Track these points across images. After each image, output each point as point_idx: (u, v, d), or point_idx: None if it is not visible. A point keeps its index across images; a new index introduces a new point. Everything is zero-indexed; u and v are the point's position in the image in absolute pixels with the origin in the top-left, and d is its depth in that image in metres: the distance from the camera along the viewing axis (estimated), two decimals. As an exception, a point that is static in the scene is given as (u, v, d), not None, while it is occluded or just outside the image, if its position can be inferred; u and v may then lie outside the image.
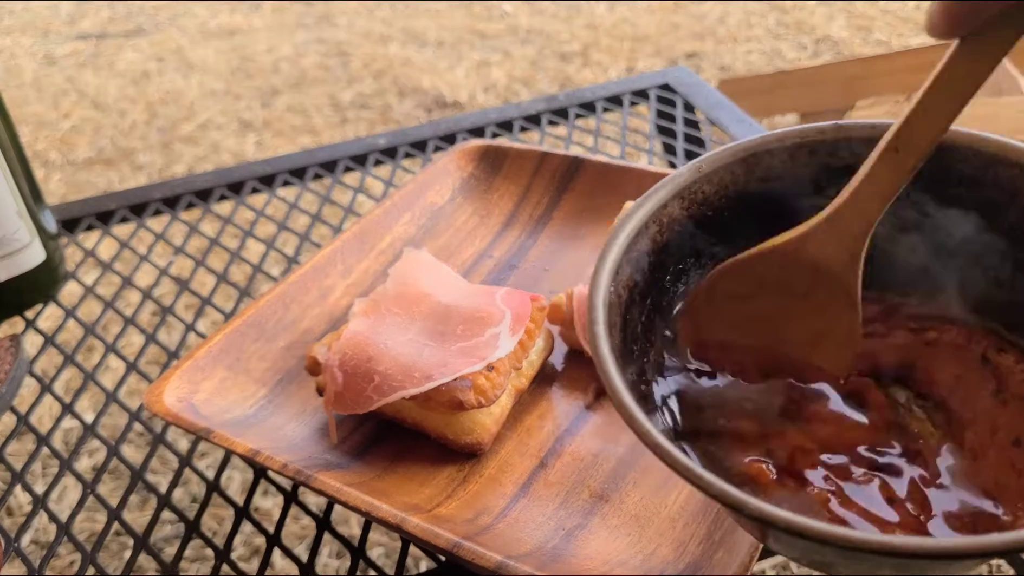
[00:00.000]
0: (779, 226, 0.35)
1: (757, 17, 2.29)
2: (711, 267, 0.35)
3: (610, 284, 0.31)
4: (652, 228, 0.33)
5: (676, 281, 0.35)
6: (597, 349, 0.29)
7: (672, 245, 0.34)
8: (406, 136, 0.80)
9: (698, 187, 0.35)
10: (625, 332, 0.31)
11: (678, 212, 0.34)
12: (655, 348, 0.33)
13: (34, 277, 0.62)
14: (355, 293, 0.56)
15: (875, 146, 0.32)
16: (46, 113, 2.10)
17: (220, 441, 0.43)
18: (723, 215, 0.35)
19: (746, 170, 0.35)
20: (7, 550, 0.46)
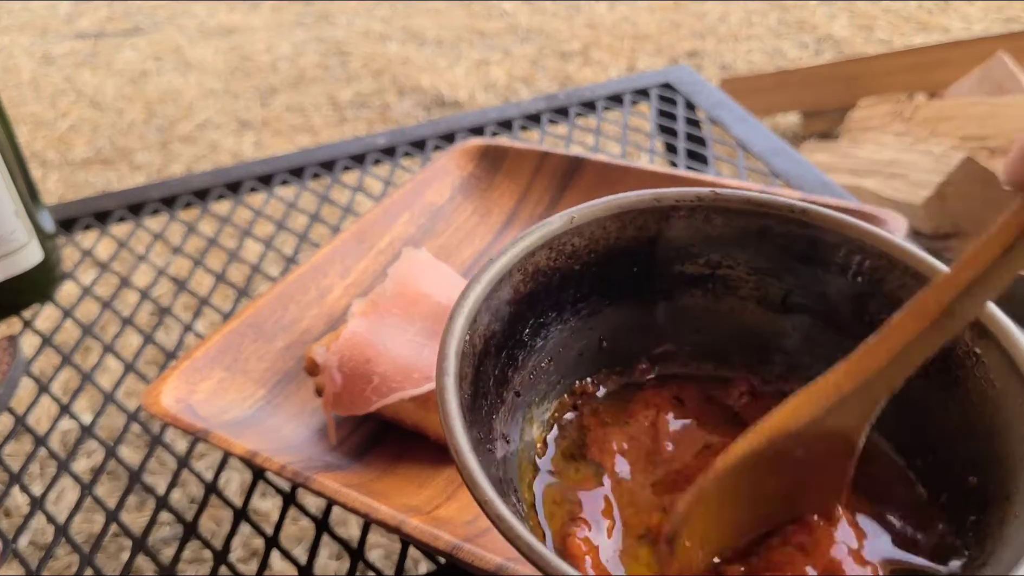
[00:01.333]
0: (646, 286, 0.35)
1: (758, 16, 2.28)
2: (572, 322, 0.34)
3: (466, 333, 0.29)
4: (516, 276, 0.32)
5: (535, 335, 0.33)
6: (445, 404, 0.27)
7: (535, 295, 0.33)
8: (405, 135, 0.79)
9: (568, 239, 0.33)
10: (476, 386, 0.29)
11: (545, 262, 0.33)
12: (506, 404, 0.32)
13: (31, 277, 0.62)
14: (354, 293, 0.56)
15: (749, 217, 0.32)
16: (44, 112, 2.10)
17: (218, 442, 0.43)
18: (592, 269, 0.34)
19: (619, 226, 0.34)
20: (5, 551, 0.46)
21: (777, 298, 0.35)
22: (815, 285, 0.34)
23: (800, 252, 0.34)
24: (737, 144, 0.72)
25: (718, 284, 0.35)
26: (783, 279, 0.34)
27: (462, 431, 0.26)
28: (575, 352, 0.35)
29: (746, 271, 0.35)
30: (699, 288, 0.35)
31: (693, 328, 0.36)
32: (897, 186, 1.23)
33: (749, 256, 0.35)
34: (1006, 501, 0.26)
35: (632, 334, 0.36)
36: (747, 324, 0.36)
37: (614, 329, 0.35)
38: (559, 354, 0.34)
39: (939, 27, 2.15)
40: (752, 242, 0.34)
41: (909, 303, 0.26)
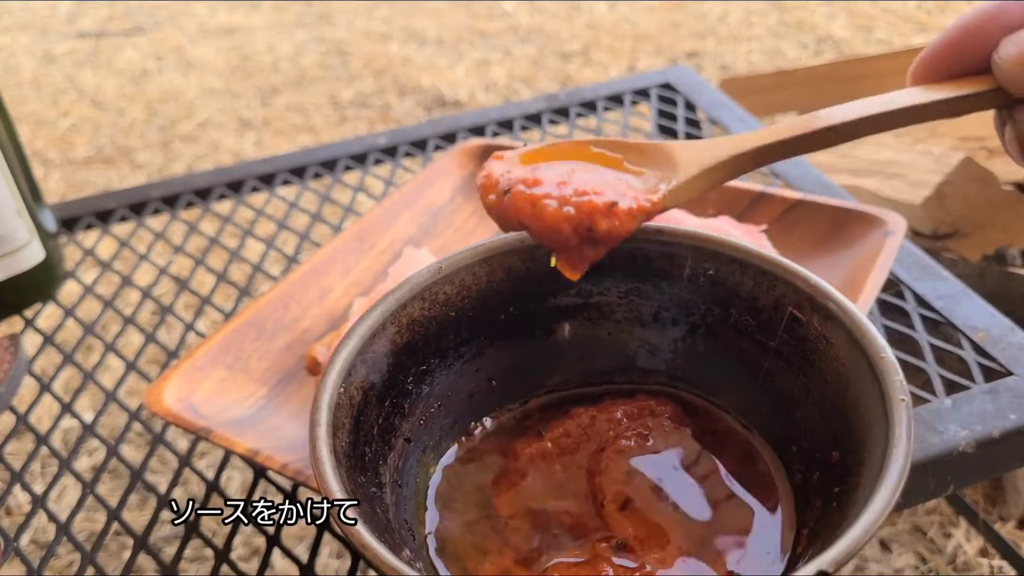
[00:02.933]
0: (525, 323, 0.36)
1: (758, 16, 2.28)
2: (457, 366, 0.35)
3: (339, 386, 0.30)
4: (391, 329, 0.33)
5: (419, 382, 0.34)
6: (315, 451, 0.28)
7: (414, 345, 0.34)
8: (406, 135, 0.79)
9: (439, 288, 0.34)
10: (357, 434, 0.30)
11: (419, 313, 0.34)
12: (395, 450, 0.33)
13: (33, 276, 0.62)
14: (355, 292, 0.56)
15: None
16: (45, 112, 2.10)
17: (220, 441, 0.43)
18: (468, 314, 0.35)
19: (487, 271, 0.35)
20: (6, 550, 0.46)
21: (649, 316, 0.37)
22: (681, 297, 0.36)
23: (659, 269, 0.35)
24: (737, 144, 0.72)
25: (593, 312, 0.37)
26: (651, 297, 0.36)
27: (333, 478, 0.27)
28: (465, 394, 0.36)
29: (616, 295, 0.36)
30: (576, 318, 0.37)
31: (578, 357, 0.37)
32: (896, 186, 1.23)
33: (615, 280, 0.36)
34: (860, 466, 0.28)
35: (520, 371, 0.37)
36: (628, 345, 0.37)
37: (501, 368, 0.36)
38: (448, 398, 0.35)
39: (938, 27, 2.15)
40: (615, 266, 0.36)
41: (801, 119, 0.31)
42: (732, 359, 0.35)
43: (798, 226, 0.55)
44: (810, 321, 0.32)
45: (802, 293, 0.32)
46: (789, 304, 0.33)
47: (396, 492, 0.32)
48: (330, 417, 0.29)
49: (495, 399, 0.37)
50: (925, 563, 0.89)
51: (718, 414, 0.36)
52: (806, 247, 0.53)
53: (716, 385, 0.36)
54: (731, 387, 0.36)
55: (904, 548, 0.91)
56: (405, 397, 0.34)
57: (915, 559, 0.90)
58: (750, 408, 0.35)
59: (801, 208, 0.55)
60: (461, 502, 0.33)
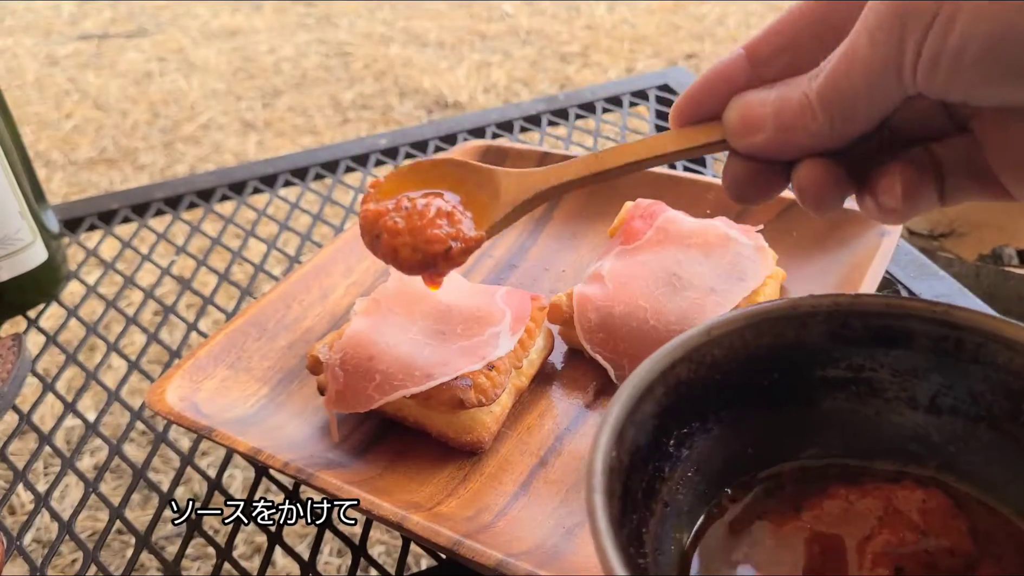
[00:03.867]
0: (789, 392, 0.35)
1: (756, 18, 2.29)
2: (716, 430, 0.34)
3: (613, 447, 0.29)
4: (658, 390, 0.32)
5: (680, 446, 0.33)
6: (595, 520, 0.27)
7: (678, 408, 0.33)
8: (407, 136, 0.80)
9: (707, 350, 0.34)
10: (625, 500, 0.30)
11: (686, 375, 0.33)
12: (655, 517, 0.32)
13: (36, 276, 0.62)
14: (356, 292, 0.56)
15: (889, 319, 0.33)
16: (48, 113, 2.10)
17: (222, 440, 0.43)
18: (733, 378, 0.34)
19: (756, 335, 0.34)
20: (9, 549, 0.46)
21: (925, 399, 0.34)
22: (965, 384, 0.33)
23: (945, 351, 0.33)
24: (736, 145, 0.72)
25: (862, 387, 0.35)
26: (930, 379, 0.34)
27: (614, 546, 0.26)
28: (721, 460, 0.35)
29: (890, 373, 0.34)
30: (842, 392, 0.35)
31: (839, 432, 0.36)
32: (896, 187, 1.23)
33: (892, 359, 0.34)
34: None
35: (777, 438, 0.35)
36: (896, 426, 0.35)
37: (759, 436, 0.35)
38: (705, 463, 0.34)
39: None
40: (894, 344, 0.34)
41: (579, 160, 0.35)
42: (1019, 458, 0.32)
43: (795, 226, 0.55)
44: None
45: None
46: None
47: (657, 560, 0.31)
48: (606, 482, 0.28)
49: (750, 465, 0.35)
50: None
51: (997, 513, 0.33)
52: (803, 247, 0.54)
53: (996, 483, 0.33)
54: (1015, 487, 0.33)
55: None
56: (666, 460, 0.33)
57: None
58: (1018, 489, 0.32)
59: (798, 208, 0.55)
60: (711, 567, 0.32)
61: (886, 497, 0.33)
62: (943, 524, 0.32)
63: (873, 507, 0.33)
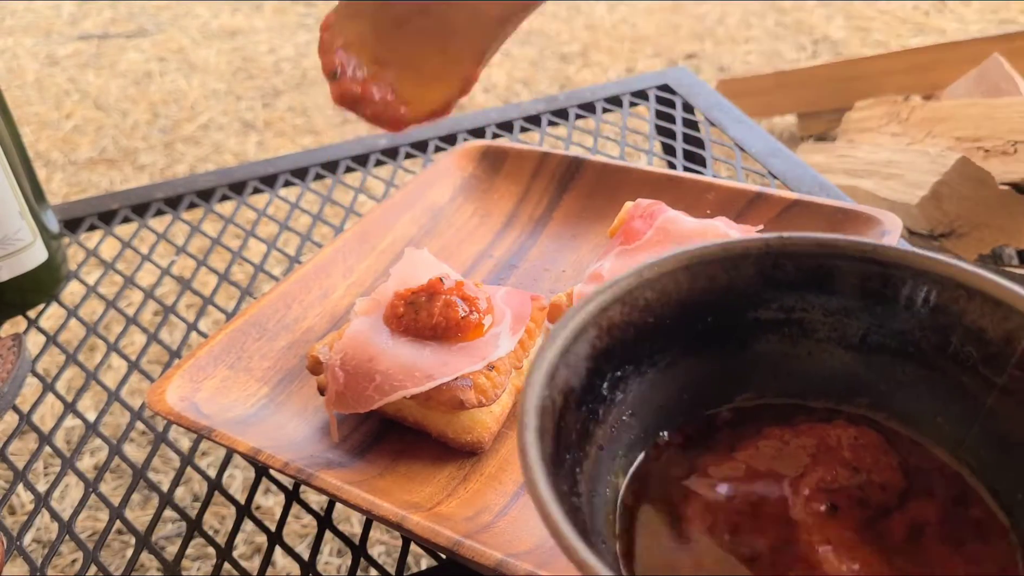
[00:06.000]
0: (722, 335, 0.35)
1: (756, 18, 2.29)
2: (650, 374, 0.34)
3: (545, 388, 0.30)
4: (591, 332, 0.32)
5: (614, 389, 0.34)
6: (526, 456, 0.27)
7: (612, 350, 0.33)
8: (407, 136, 0.80)
9: (640, 293, 0.34)
10: (559, 440, 0.30)
11: (619, 317, 0.33)
12: (590, 459, 0.32)
13: (36, 277, 0.62)
14: (356, 293, 0.56)
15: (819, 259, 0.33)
16: (48, 113, 2.10)
17: (222, 440, 0.43)
18: (666, 322, 0.34)
19: (689, 278, 0.34)
20: (9, 549, 0.47)
21: (855, 338, 0.34)
22: (893, 322, 0.33)
23: (874, 290, 0.33)
24: (735, 145, 0.73)
25: (794, 328, 0.35)
26: (860, 318, 0.34)
27: (545, 482, 0.26)
28: (656, 404, 0.35)
29: (821, 313, 0.35)
30: (775, 334, 0.35)
31: (772, 374, 0.36)
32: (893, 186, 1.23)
33: (823, 299, 0.34)
34: None
35: (712, 382, 0.36)
36: (827, 366, 0.35)
37: (693, 379, 0.35)
38: (640, 407, 0.34)
39: (935, 29, 2.16)
40: (825, 284, 0.34)
41: None
42: (947, 393, 0.33)
43: (795, 227, 0.55)
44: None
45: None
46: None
47: (591, 502, 0.31)
48: (538, 421, 0.28)
49: (684, 409, 0.36)
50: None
51: (926, 449, 0.33)
52: (803, 247, 0.54)
53: (924, 419, 0.34)
54: (943, 422, 0.33)
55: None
56: (600, 403, 0.33)
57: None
58: (964, 447, 0.32)
59: (798, 208, 0.55)
60: (650, 517, 0.32)
61: (819, 435, 0.33)
62: (875, 460, 0.32)
63: (806, 445, 0.33)
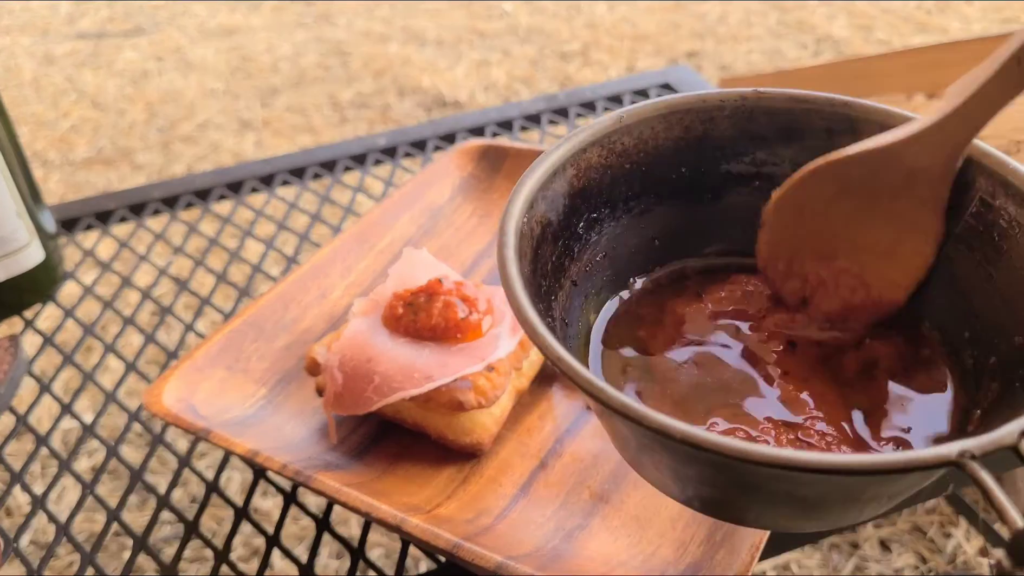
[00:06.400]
0: (695, 186, 0.36)
1: (758, 16, 2.28)
2: (624, 219, 0.36)
3: (523, 215, 0.31)
4: (569, 171, 0.33)
5: (589, 229, 0.35)
6: (505, 269, 0.29)
7: (588, 191, 0.34)
8: (406, 135, 0.79)
9: (618, 137, 0.35)
10: (535, 265, 0.31)
11: (596, 159, 0.34)
12: (564, 290, 0.33)
13: (33, 277, 0.62)
14: (355, 293, 0.56)
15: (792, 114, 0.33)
16: (45, 113, 2.10)
17: (219, 441, 0.43)
18: (642, 168, 0.35)
19: (666, 127, 0.35)
20: (6, 550, 0.46)
21: None
22: None
23: (842, 141, 0.34)
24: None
25: (764, 182, 0.36)
26: None
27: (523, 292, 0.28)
28: (629, 249, 0.36)
29: (791, 167, 0.35)
30: (746, 187, 0.36)
31: (741, 227, 0.36)
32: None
33: (793, 152, 0.35)
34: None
35: (683, 233, 0.37)
36: None
37: (665, 228, 0.37)
38: (613, 250, 0.36)
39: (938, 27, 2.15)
40: (795, 136, 0.35)
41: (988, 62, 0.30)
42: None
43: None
44: (1003, 207, 0.31)
45: (996, 177, 0.31)
46: (980, 189, 0.32)
47: (564, 330, 0.33)
48: (516, 241, 0.30)
49: (656, 257, 0.37)
50: (925, 563, 0.89)
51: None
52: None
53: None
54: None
55: (904, 548, 0.91)
56: (575, 240, 0.34)
57: (915, 559, 0.90)
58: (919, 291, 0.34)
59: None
60: (620, 351, 0.34)
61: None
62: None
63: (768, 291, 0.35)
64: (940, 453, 0.23)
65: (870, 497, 0.27)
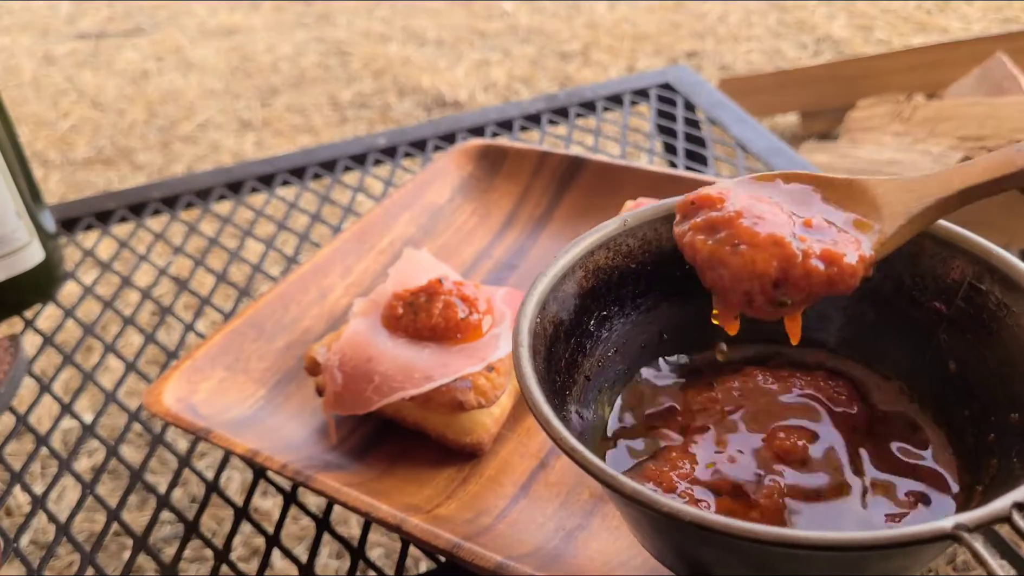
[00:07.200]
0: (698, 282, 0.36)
1: (758, 16, 2.28)
2: (633, 316, 0.38)
3: (536, 316, 0.33)
4: (579, 273, 0.36)
5: (600, 326, 0.37)
6: (520, 368, 0.30)
7: (597, 291, 0.36)
8: (406, 135, 0.79)
9: (623, 240, 0.37)
10: (549, 363, 0.33)
11: (604, 261, 0.36)
12: (578, 385, 0.35)
13: (33, 277, 0.62)
14: (355, 293, 0.56)
15: None
16: (45, 113, 2.10)
17: (219, 441, 0.43)
18: (647, 268, 0.37)
19: (668, 227, 0.36)
20: (6, 550, 0.46)
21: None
22: None
23: None
24: (736, 144, 0.72)
25: None
26: None
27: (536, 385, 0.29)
28: (638, 344, 0.38)
29: None
30: None
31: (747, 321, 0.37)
32: (896, 186, 1.23)
33: None
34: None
35: (690, 327, 0.38)
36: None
37: (673, 323, 0.38)
38: (624, 345, 0.38)
39: (938, 27, 2.15)
40: None
41: None
42: (902, 328, 0.36)
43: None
44: (991, 291, 0.33)
45: (983, 263, 0.33)
46: (968, 275, 0.34)
47: (581, 423, 0.34)
48: (531, 340, 0.32)
49: (664, 352, 0.39)
50: (925, 563, 0.89)
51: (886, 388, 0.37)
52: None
53: (884, 353, 0.37)
54: (899, 355, 0.37)
55: (904, 548, 0.91)
56: (587, 337, 0.36)
57: (915, 559, 0.90)
58: (917, 376, 0.36)
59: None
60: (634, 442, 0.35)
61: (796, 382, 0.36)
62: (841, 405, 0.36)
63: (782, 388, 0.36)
64: (936, 527, 0.24)
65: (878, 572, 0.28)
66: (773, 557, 0.26)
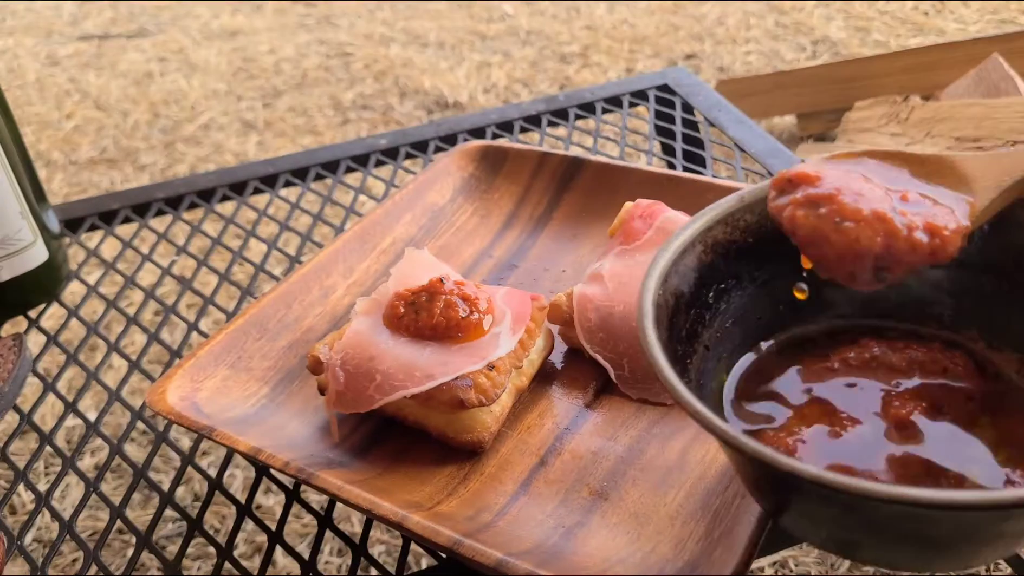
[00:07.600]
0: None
1: (756, 18, 2.29)
2: (750, 289, 0.39)
3: (659, 288, 0.34)
4: (698, 247, 0.37)
5: (719, 299, 0.38)
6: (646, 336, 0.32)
7: (716, 265, 0.38)
8: (407, 137, 0.80)
9: (740, 215, 0.38)
10: (671, 332, 0.34)
11: (722, 236, 0.38)
12: (698, 355, 0.36)
13: (37, 277, 0.62)
14: (357, 292, 0.56)
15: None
16: (49, 113, 2.10)
17: (222, 439, 0.43)
18: (763, 242, 0.38)
19: None
20: (10, 548, 0.47)
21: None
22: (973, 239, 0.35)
23: None
24: (734, 145, 0.73)
25: None
26: None
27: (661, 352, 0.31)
28: (755, 315, 0.39)
29: None
30: None
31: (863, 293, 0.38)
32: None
33: None
34: None
35: (807, 301, 0.39)
36: (914, 283, 0.38)
37: (789, 296, 0.39)
38: (741, 316, 0.39)
39: (935, 29, 2.16)
40: None
41: None
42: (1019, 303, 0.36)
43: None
44: None
45: None
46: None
47: (699, 390, 0.35)
48: (654, 311, 0.33)
49: (781, 323, 0.40)
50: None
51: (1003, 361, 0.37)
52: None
53: (1002, 326, 0.37)
54: (1019, 328, 0.37)
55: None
56: (706, 309, 0.37)
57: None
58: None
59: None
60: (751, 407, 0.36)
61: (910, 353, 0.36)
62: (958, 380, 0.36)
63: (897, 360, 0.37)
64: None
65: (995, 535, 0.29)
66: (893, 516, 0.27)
